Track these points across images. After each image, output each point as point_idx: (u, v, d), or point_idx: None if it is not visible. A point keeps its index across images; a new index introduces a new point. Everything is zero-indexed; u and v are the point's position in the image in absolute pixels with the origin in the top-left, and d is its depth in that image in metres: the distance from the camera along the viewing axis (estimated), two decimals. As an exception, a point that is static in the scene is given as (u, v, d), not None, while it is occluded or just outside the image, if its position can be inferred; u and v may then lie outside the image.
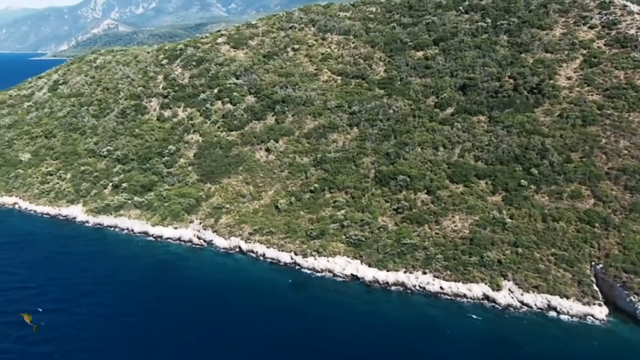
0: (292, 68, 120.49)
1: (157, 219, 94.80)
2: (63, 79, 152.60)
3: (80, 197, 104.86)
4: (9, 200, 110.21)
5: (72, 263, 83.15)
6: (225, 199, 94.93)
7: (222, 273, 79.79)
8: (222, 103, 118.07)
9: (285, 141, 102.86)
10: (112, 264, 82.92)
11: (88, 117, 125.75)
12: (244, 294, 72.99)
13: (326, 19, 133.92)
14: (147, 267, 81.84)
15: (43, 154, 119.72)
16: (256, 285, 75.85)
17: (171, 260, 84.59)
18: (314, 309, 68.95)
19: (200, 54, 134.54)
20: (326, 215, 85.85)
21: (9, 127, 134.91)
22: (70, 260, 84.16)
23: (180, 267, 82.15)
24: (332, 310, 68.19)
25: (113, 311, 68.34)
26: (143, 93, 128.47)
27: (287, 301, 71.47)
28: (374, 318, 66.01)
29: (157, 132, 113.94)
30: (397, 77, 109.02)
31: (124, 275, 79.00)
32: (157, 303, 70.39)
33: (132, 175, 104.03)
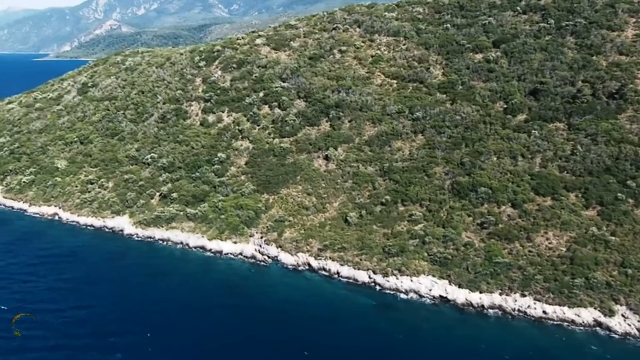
0: (341, 71, 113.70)
1: (214, 233, 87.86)
2: (92, 81, 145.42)
3: (126, 208, 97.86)
4: (49, 210, 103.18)
5: (131, 281, 76.41)
6: (287, 211, 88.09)
7: (296, 294, 73.08)
8: (269, 107, 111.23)
9: (344, 149, 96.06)
10: (174, 282, 76.29)
11: (125, 122, 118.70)
12: (326, 317, 66.54)
13: (372, 20, 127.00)
14: (213, 286, 75.16)
15: (80, 160, 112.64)
16: (337, 307, 69.29)
17: (237, 279, 77.78)
18: (407, 335, 62.49)
19: (240, 56, 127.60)
20: (402, 230, 79.09)
21: (40, 131, 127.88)
22: (128, 278, 77.32)
23: (249, 287, 75.40)
24: (427, 336, 61.91)
25: (194, 344, 61.21)
26: (182, 97, 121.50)
27: (375, 326, 64.98)
28: (477, 344, 59.42)
29: (203, 139, 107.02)
30: (458, 81, 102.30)
31: (190, 297, 72.22)
32: (235, 333, 63.45)
33: (182, 184, 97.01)
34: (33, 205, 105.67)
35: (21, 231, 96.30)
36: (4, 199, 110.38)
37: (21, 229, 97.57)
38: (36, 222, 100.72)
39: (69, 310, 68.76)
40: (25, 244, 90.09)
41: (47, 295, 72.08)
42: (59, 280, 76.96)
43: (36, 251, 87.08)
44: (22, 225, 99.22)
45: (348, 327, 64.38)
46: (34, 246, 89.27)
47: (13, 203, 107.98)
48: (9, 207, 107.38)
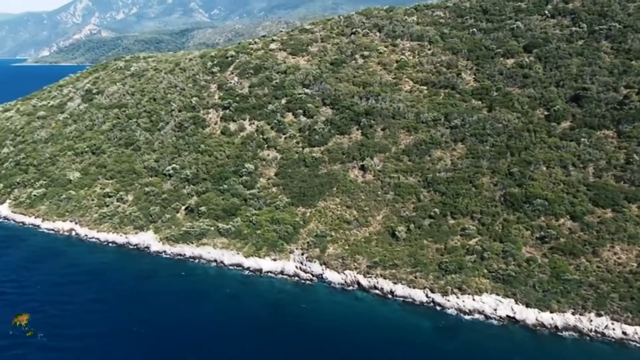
0: (367, 77, 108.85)
1: (250, 249, 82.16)
2: (96, 88, 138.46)
3: (150, 223, 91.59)
4: (64, 226, 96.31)
5: (169, 303, 70.43)
6: (327, 226, 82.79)
7: (349, 315, 67.90)
8: (293, 115, 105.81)
9: (381, 158, 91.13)
10: (215, 305, 70.76)
11: (140, 131, 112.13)
12: (386, 341, 61.75)
13: (393, 24, 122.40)
14: (258, 308, 69.79)
15: (94, 172, 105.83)
16: (396, 330, 64.34)
17: (282, 300, 72.29)
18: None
19: (256, 61, 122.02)
20: (457, 244, 74.29)
21: (46, 141, 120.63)
22: (165, 300, 71.25)
23: (297, 308, 70.08)
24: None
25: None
26: (198, 104, 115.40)
27: (441, 351, 59.99)
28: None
29: (227, 148, 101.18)
30: (492, 87, 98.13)
31: (235, 320, 66.78)
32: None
33: (209, 197, 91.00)
34: (46, 221, 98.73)
35: (39, 248, 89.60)
36: (13, 213, 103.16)
37: (38, 246, 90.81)
38: (52, 238, 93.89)
39: (113, 335, 63.05)
40: (46, 263, 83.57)
41: (84, 319, 66.33)
42: (92, 302, 71.00)
43: (60, 270, 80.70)
44: (38, 242, 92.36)
45: (411, 351, 59.46)
46: (56, 265, 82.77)
47: (24, 218, 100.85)
48: (19, 223, 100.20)
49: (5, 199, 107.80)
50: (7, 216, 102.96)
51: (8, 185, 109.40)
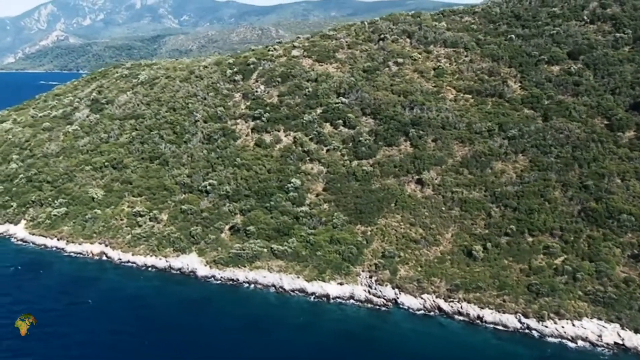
0: (405, 85, 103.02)
1: (312, 273, 75.30)
2: (103, 97, 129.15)
3: (193, 245, 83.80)
4: (93, 249, 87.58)
5: (233, 339, 63.43)
6: (392, 245, 76.41)
7: (437, 345, 62.07)
8: (332, 126, 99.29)
9: (438, 171, 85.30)
10: (287, 336, 63.69)
11: (164, 144, 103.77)
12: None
13: (424, 30, 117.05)
14: (334, 340, 63.11)
15: (119, 189, 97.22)
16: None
17: (359, 329, 65.84)
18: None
19: (281, 69, 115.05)
20: (542, 264, 69.03)
21: (58, 155, 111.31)
22: (228, 335, 64.47)
23: (378, 338, 63.78)
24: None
25: None
26: (224, 114, 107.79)
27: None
28: None
29: (266, 162, 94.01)
30: (543, 95, 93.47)
31: (314, 354, 59.44)
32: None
33: (257, 216, 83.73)
34: (72, 243, 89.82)
35: (70, 274, 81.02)
36: (31, 235, 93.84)
37: (69, 271, 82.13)
38: (82, 263, 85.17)
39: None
40: (84, 290, 75.04)
41: (142, 352, 58.02)
42: (147, 333, 62.83)
43: (101, 299, 72.43)
44: (68, 267, 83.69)
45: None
46: (96, 293, 74.38)
47: (45, 240, 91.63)
48: (40, 246, 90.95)
49: (20, 219, 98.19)
50: (24, 238, 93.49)
51: (22, 204, 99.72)
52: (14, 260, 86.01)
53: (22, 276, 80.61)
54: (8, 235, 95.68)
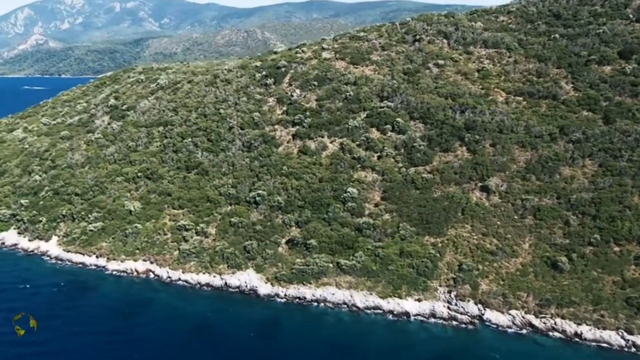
0: (451, 87, 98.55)
1: (386, 289, 70.34)
2: (122, 103, 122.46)
3: (249, 260, 78.24)
4: (138, 267, 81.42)
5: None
6: (468, 257, 71.67)
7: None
8: (379, 131, 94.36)
9: (502, 178, 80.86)
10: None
11: (200, 152, 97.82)
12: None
13: (461, 31, 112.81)
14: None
15: (157, 201, 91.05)
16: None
17: (453, 352, 61.15)
18: None
19: (315, 72, 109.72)
20: (635, 275, 64.66)
21: (83, 165, 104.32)
22: None
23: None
24: None
25: None
26: (261, 120, 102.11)
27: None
28: None
29: (316, 170, 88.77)
30: (599, 97, 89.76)
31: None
32: None
33: (316, 228, 78.53)
34: (113, 261, 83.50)
35: (119, 295, 74.89)
36: (66, 252, 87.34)
37: (116, 292, 75.94)
38: (128, 282, 78.91)
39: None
40: (141, 314, 69.39)
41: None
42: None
43: (162, 323, 67.31)
44: (114, 287, 77.41)
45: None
46: (153, 316, 68.81)
47: (83, 258, 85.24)
48: (78, 264, 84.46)
49: (51, 235, 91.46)
50: (59, 256, 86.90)
51: (52, 219, 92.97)
52: (54, 280, 79.66)
53: (69, 297, 74.26)
54: (40, 253, 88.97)
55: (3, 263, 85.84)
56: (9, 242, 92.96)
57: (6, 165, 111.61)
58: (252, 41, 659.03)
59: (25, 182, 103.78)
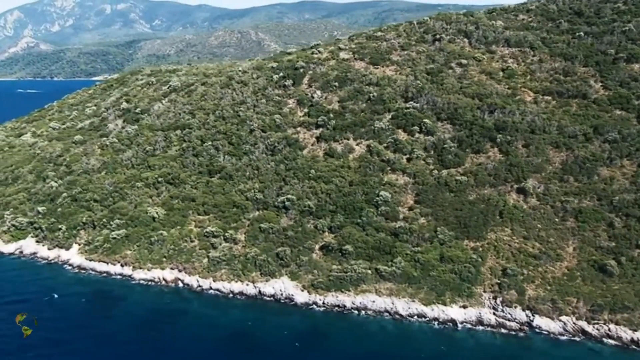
0: (477, 87, 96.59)
1: (428, 295, 68.16)
2: (134, 106, 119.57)
3: (282, 267, 75.80)
4: (166, 275, 78.76)
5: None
6: (511, 262, 69.63)
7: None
8: (406, 132, 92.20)
9: (539, 179, 78.99)
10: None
11: (222, 156, 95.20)
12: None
13: (482, 30, 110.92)
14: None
15: (181, 206, 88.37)
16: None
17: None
18: None
19: (335, 73, 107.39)
20: (688, 279, 62.74)
21: (99, 170, 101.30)
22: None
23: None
24: None
25: None
26: (283, 122, 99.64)
27: None
28: None
29: (345, 173, 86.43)
30: (632, 96, 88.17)
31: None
32: None
33: (350, 233, 76.26)
34: (139, 269, 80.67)
35: (149, 306, 72.29)
36: (89, 261, 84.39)
37: (146, 302, 73.27)
38: (157, 291, 76.19)
39: None
40: (176, 326, 66.71)
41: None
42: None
43: (201, 336, 64.17)
44: (143, 297, 74.71)
45: None
46: (191, 328, 66.07)
47: (107, 267, 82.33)
48: (102, 273, 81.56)
49: (72, 243, 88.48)
50: (81, 265, 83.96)
51: (72, 226, 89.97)
52: (79, 290, 76.88)
53: (97, 307, 71.65)
54: (61, 262, 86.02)
55: (24, 272, 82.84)
56: (27, 250, 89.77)
57: (19, 171, 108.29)
58: (245, 42, 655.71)
59: (40, 189, 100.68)
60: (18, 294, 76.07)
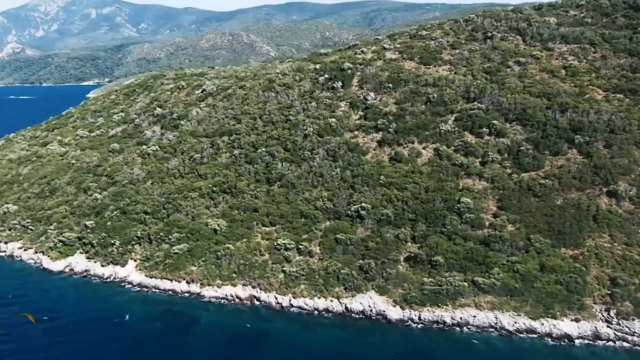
0: (542, 87, 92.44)
1: (535, 309, 63.97)
2: (170, 112, 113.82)
3: (368, 282, 71.23)
4: (239, 292, 73.61)
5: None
6: (618, 270, 65.34)
7: None
8: (473, 134, 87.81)
9: (629, 182, 75.01)
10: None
11: (280, 163, 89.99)
12: None
13: (536, 27, 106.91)
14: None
15: (243, 217, 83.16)
16: None
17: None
18: None
19: (386, 73, 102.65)
20: None
21: (145, 180, 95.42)
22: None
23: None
24: None
25: None
26: (338, 125, 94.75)
27: None
28: None
29: (418, 179, 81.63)
30: None
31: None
32: None
33: (439, 243, 71.44)
34: (208, 286, 75.44)
35: (227, 328, 67.22)
36: (149, 278, 78.75)
37: (223, 324, 68.28)
38: (232, 310, 71.06)
39: None
40: (261, 349, 61.81)
41: None
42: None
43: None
44: (218, 317, 69.65)
45: None
46: (278, 352, 61.28)
47: (172, 285, 76.87)
48: (167, 291, 76.30)
49: (127, 259, 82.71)
50: (142, 282, 78.32)
51: (125, 241, 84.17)
52: (148, 310, 71.35)
53: (173, 329, 66.39)
54: (118, 280, 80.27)
55: (81, 291, 77.25)
56: (78, 268, 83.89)
57: (55, 183, 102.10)
58: (237, 44, 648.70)
59: (83, 201, 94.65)
60: (82, 314, 70.97)
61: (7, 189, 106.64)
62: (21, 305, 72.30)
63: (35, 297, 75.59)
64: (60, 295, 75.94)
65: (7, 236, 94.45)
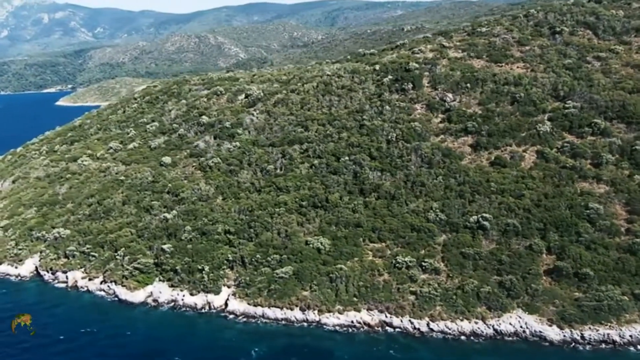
0: (634, 83, 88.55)
1: None
2: (217, 120, 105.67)
3: (512, 300, 65.87)
4: (366, 318, 67.81)
5: None
6: None
7: None
8: (574, 135, 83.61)
9: None
10: None
11: (371, 172, 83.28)
12: None
13: (606, 20, 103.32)
14: None
15: (346, 234, 77.38)
16: None
17: None
18: None
19: (459, 73, 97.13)
20: None
21: (215, 196, 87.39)
22: None
23: None
24: None
25: None
26: (423, 129, 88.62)
27: None
28: None
29: (530, 184, 76.43)
30: None
31: None
32: None
33: (582, 254, 66.60)
34: (327, 313, 68.80)
35: None
36: (254, 307, 70.90)
37: (363, 356, 60.34)
38: (365, 340, 64.58)
39: None
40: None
41: None
42: None
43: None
44: (352, 350, 63.01)
45: None
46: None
47: (284, 313, 69.90)
48: (280, 321, 69.39)
49: (220, 286, 74.10)
50: (247, 312, 70.80)
51: (215, 266, 75.46)
52: (271, 346, 63.45)
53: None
54: (214, 309, 71.97)
55: (184, 329, 68.20)
56: (163, 298, 74.89)
57: (108, 202, 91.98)
58: (205, 47, 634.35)
59: (150, 222, 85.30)
60: (195, 353, 61.68)
61: (49, 211, 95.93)
62: (126, 348, 62.91)
63: (134, 337, 66.31)
64: (163, 333, 67.03)
65: (65, 264, 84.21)
